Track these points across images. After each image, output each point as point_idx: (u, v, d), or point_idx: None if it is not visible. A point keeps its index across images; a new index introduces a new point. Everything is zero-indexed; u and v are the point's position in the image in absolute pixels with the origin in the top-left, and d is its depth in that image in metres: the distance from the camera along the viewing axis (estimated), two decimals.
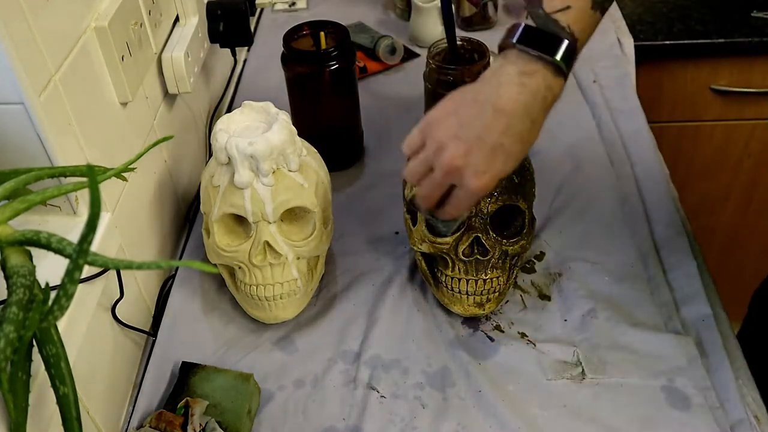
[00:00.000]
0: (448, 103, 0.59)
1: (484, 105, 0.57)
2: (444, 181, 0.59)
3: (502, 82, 0.57)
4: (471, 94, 0.58)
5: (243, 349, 0.77)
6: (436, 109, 0.60)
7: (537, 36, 0.57)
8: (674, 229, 0.87)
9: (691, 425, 0.67)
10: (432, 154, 0.59)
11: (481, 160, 0.56)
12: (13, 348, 0.44)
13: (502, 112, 0.56)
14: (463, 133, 0.57)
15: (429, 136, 0.59)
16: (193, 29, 0.91)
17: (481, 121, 0.56)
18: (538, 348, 0.75)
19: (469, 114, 0.57)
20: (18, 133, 0.58)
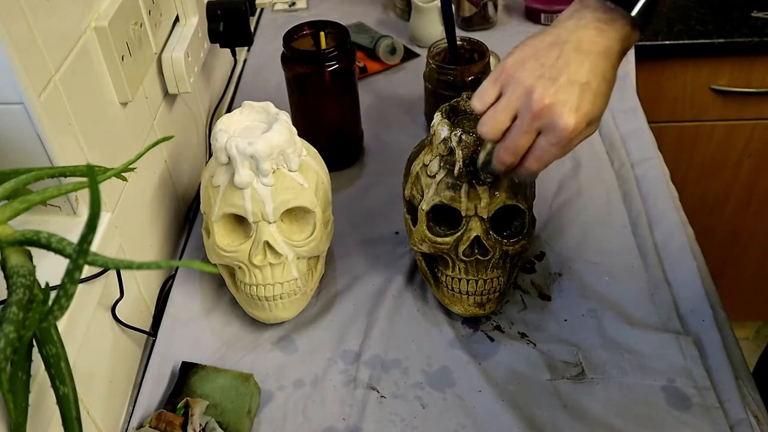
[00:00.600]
0: (526, 49, 0.57)
1: (565, 46, 0.55)
2: (533, 125, 0.55)
3: (580, 26, 0.55)
4: (549, 38, 0.56)
5: (243, 349, 0.77)
6: (512, 56, 0.57)
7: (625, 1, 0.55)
8: (674, 229, 0.87)
9: (691, 425, 0.67)
10: (516, 98, 0.55)
11: (572, 97, 0.54)
12: (13, 348, 0.44)
13: (585, 52, 0.55)
14: (549, 72, 0.54)
15: (510, 82, 0.56)
16: (193, 29, 0.91)
17: (565, 61, 0.55)
18: (538, 348, 0.75)
19: (552, 56, 0.55)
20: (18, 133, 0.58)
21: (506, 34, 1.31)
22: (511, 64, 0.57)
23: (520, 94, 0.55)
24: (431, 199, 0.72)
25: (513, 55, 0.57)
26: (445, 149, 0.69)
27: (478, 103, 0.58)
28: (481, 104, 0.58)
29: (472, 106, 0.59)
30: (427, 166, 0.73)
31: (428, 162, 0.73)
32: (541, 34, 0.57)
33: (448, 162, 0.70)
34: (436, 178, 0.72)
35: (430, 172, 0.72)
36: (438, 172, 0.71)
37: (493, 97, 0.58)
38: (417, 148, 0.79)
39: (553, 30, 0.57)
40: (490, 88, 0.58)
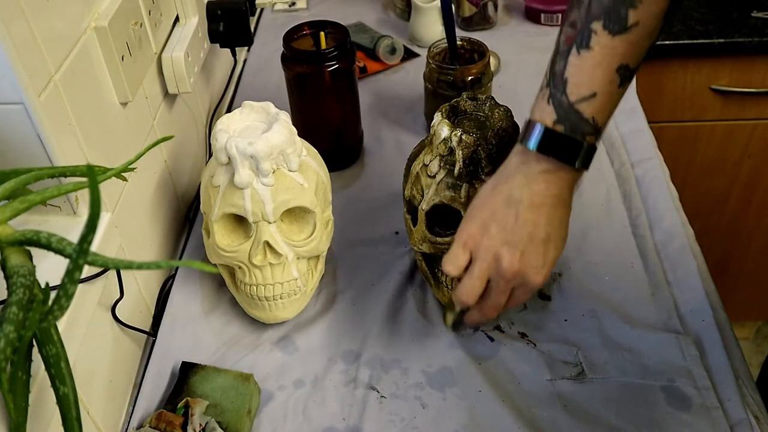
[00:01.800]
0: (484, 211, 0.60)
1: (520, 205, 0.58)
2: (507, 288, 0.60)
3: (529, 179, 0.58)
4: (501, 197, 0.59)
5: (243, 349, 0.77)
6: (471, 221, 0.60)
7: (556, 143, 0.57)
8: (674, 229, 0.87)
9: (691, 425, 0.67)
10: (488, 266, 0.60)
11: (537, 257, 0.59)
12: (13, 348, 0.44)
13: (538, 207, 0.58)
14: (512, 237, 0.58)
15: (478, 249, 0.60)
16: (193, 29, 0.91)
17: (523, 221, 0.58)
18: (538, 348, 0.75)
19: (508, 217, 0.58)
20: (18, 133, 0.58)
21: (506, 34, 1.31)
22: (475, 231, 0.60)
23: (491, 261, 0.60)
24: (431, 199, 0.72)
25: (474, 218, 0.60)
26: (446, 149, 0.69)
27: (453, 270, 0.61)
28: (457, 270, 0.62)
29: (446, 271, 0.62)
30: (427, 166, 0.73)
31: (428, 162, 0.73)
32: (494, 192, 0.59)
33: (448, 162, 0.70)
34: (436, 178, 0.72)
35: (430, 172, 0.72)
36: (438, 172, 0.71)
37: (465, 262, 0.61)
38: (417, 148, 0.79)
39: (503, 186, 0.59)
40: (461, 255, 0.61)
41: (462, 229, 0.61)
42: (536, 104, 0.59)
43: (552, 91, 0.57)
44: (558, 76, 0.57)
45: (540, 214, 0.58)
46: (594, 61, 0.55)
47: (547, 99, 0.57)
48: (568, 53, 0.56)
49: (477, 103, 0.74)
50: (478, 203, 0.60)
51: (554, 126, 0.57)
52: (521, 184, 0.58)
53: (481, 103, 0.74)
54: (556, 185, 0.58)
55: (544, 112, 0.57)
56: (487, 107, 0.73)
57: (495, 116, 0.72)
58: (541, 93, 0.58)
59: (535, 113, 0.58)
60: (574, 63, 0.56)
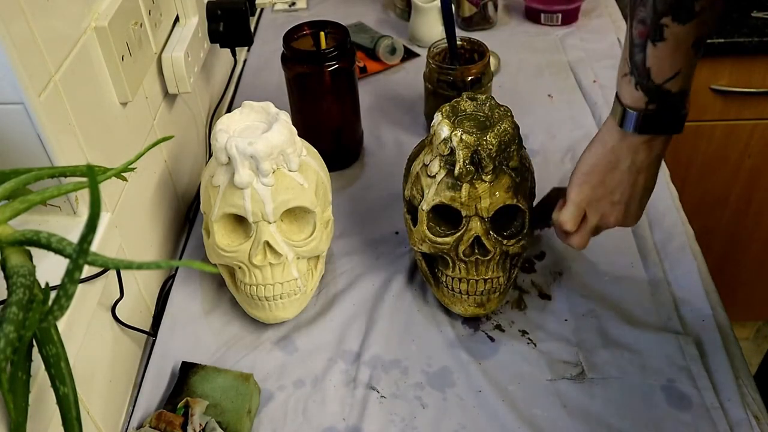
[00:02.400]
0: (591, 177, 0.68)
1: (625, 171, 0.66)
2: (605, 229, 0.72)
3: (632, 150, 0.65)
4: (606, 165, 0.67)
5: (243, 349, 0.77)
6: (582, 185, 0.69)
7: (654, 121, 0.62)
8: (674, 229, 0.87)
9: (691, 425, 0.67)
10: (597, 221, 0.71)
11: (636, 209, 0.69)
12: (13, 348, 0.44)
13: (640, 170, 0.66)
14: (616, 197, 0.68)
15: (590, 209, 0.70)
16: (193, 29, 0.91)
17: (627, 184, 0.67)
18: (539, 348, 0.75)
19: (615, 180, 0.67)
20: (18, 133, 0.58)
21: (506, 34, 1.31)
22: (587, 193, 0.69)
23: (599, 217, 0.70)
24: (431, 199, 0.72)
25: (584, 183, 0.69)
26: (446, 149, 0.69)
27: (572, 225, 0.71)
28: (574, 225, 0.72)
29: (565, 226, 0.72)
30: (427, 166, 0.73)
31: (428, 162, 0.73)
32: (600, 160, 0.67)
33: (448, 162, 0.70)
34: (436, 178, 0.72)
35: (430, 172, 0.72)
36: (438, 172, 0.71)
37: (580, 218, 0.71)
38: (417, 148, 0.79)
39: (610, 156, 0.66)
40: (577, 213, 0.71)
41: (575, 192, 0.70)
42: (623, 89, 0.63)
43: (637, 78, 0.62)
44: (640, 65, 0.61)
45: (640, 176, 0.66)
46: (670, 49, 0.59)
47: (635, 85, 0.62)
48: (645, 46, 0.60)
49: (477, 103, 0.74)
50: (586, 170, 0.68)
51: (647, 107, 0.62)
52: (625, 155, 0.65)
53: (481, 103, 0.74)
54: (655, 149, 0.65)
55: (635, 97, 0.62)
56: (487, 107, 0.73)
57: (495, 116, 0.72)
58: (626, 79, 0.63)
59: (625, 98, 0.63)
60: (653, 54, 0.60)
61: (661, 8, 0.57)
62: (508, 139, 0.69)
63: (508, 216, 0.74)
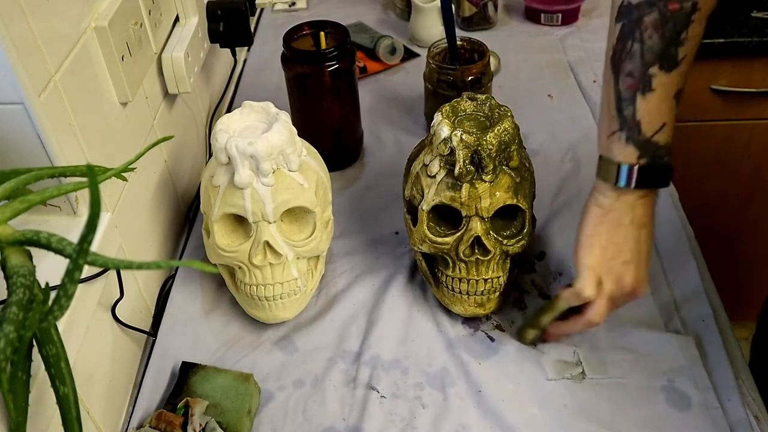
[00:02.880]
0: (599, 239, 0.67)
1: (628, 228, 0.66)
2: (624, 302, 0.69)
3: (631, 206, 0.66)
4: (610, 224, 0.67)
5: (243, 349, 0.77)
6: (592, 248, 0.67)
7: (647, 175, 0.64)
8: (674, 229, 0.87)
9: (691, 425, 0.67)
10: (612, 284, 0.67)
11: (644, 270, 0.68)
12: (13, 348, 0.44)
13: (641, 227, 0.66)
14: (628, 256, 0.67)
15: (604, 272, 0.67)
16: (193, 29, 0.91)
17: (633, 240, 0.66)
18: (538, 348, 0.75)
19: (621, 238, 0.66)
20: (18, 133, 0.58)
21: (506, 34, 1.31)
22: (599, 257, 0.67)
23: (615, 280, 0.67)
24: (431, 199, 0.72)
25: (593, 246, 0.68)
26: (446, 149, 0.69)
27: (591, 291, 0.68)
28: (593, 290, 0.68)
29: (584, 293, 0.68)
30: (427, 166, 0.73)
31: (428, 162, 0.73)
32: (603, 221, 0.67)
33: (448, 162, 0.70)
34: (436, 178, 0.72)
35: (430, 172, 0.72)
36: (438, 172, 0.71)
37: (596, 284, 0.68)
38: (417, 148, 0.79)
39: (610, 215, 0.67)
40: (593, 278, 0.68)
41: (585, 256, 0.68)
42: (614, 148, 0.65)
43: (628, 133, 0.64)
44: (630, 119, 0.64)
45: (641, 233, 0.66)
46: (658, 99, 0.63)
47: (625, 140, 0.64)
48: (634, 99, 0.63)
49: (477, 103, 0.74)
50: (590, 232, 0.68)
51: (638, 161, 0.64)
52: (625, 212, 0.66)
53: (481, 103, 0.74)
54: (650, 206, 0.67)
55: (626, 153, 0.64)
56: (487, 107, 0.73)
57: (495, 116, 0.72)
58: (614, 136, 0.65)
59: (617, 155, 0.65)
60: (643, 106, 0.63)
61: (648, 59, 0.62)
62: (508, 139, 0.69)
63: (508, 216, 0.74)
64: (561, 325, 0.71)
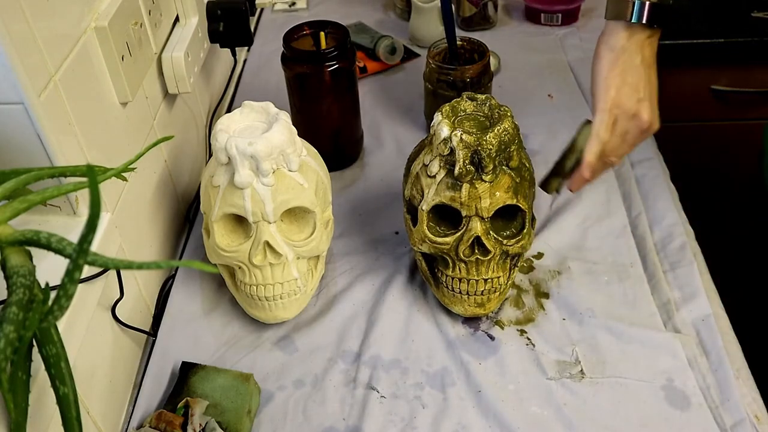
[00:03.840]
0: (614, 80, 0.71)
1: (640, 68, 0.71)
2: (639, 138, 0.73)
3: (640, 46, 0.71)
4: (623, 65, 0.71)
5: (243, 349, 0.77)
6: (608, 89, 0.71)
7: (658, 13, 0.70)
8: (674, 229, 0.87)
9: (691, 425, 0.67)
10: (628, 122, 0.72)
11: (656, 107, 0.72)
12: (13, 348, 0.44)
13: (650, 66, 0.72)
14: (640, 93, 0.71)
15: (620, 111, 0.71)
16: (193, 29, 0.91)
17: (645, 79, 0.71)
18: (538, 347, 0.75)
19: (635, 78, 0.71)
20: (18, 133, 0.58)
21: (506, 34, 1.31)
22: (615, 96, 0.72)
23: (630, 117, 0.72)
24: (431, 199, 0.72)
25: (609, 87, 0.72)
26: (446, 149, 0.69)
27: (606, 133, 0.72)
28: (608, 132, 0.72)
29: (602, 136, 0.72)
30: (427, 166, 0.73)
31: (428, 162, 0.73)
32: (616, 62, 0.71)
33: (448, 162, 0.70)
34: (436, 178, 0.72)
35: (430, 172, 0.72)
36: (438, 172, 0.71)
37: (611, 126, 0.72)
38: (417, 148, 0.79)
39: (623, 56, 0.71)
40: (609, 118, 0.72)
41: (602, 98, 0.72)
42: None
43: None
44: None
45: (652, 72, 0.72)
46: None
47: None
48: None
49: (477, 103, 0.74)
50: (605, 74, 0.72)
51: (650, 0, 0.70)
52: (636, 52, 0.71)
53: (481, 103, 0.74)
54: (655, 47, 0.72)
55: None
56: (487, 107, 0.73)
57: (495, 116, 0.72)
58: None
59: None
60: None
61: None
62: (508, 139, 0.69)
63: (508, 216, 0.74)
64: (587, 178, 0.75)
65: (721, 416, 0.67)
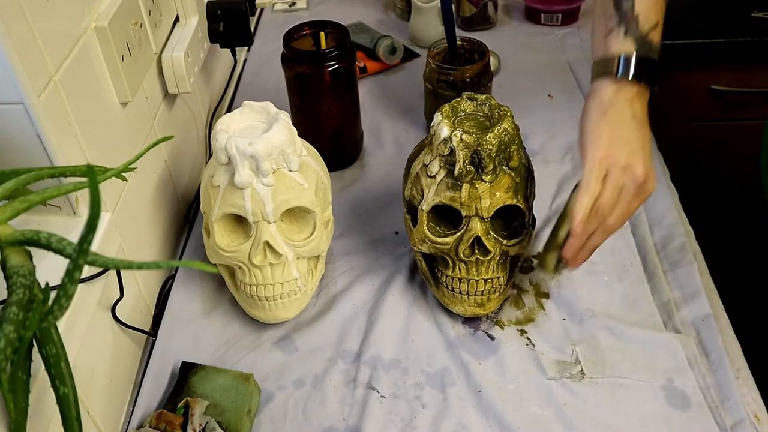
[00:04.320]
0: (603, 133, 0.68)
1: (631, 122, 0.68)
2: (634, 194, 0.67)
3: (629, 102, 0.69)
4: (612, 119, 0.68)
5: (243, 349, 0.77)
6: (597, 142, 0.68)
7: (646, 68, 0.68)
8: (674, 229, 0.87)
9: (690, 425, 0.67)
10: (620, 175, 0.67)
11: (651, 163, 0.68)
12: (13, 348, 0.44)
13: (642, 122, 0.69)
14: (634, 148, 0.67)
15: (611, 164, 0.67)
16: (193, 29, 0.91)
17: (637, 133, 0.68)
18: (538, 347, 0.75)
19: (626, 132, 0.68)
20: (18, 133, 0.58)
21: (506, 34, 1.31)
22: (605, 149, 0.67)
23: (622, 170, 0.67)
24: (431, 199, 0.72)
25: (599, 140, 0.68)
26: (446, 149, 0.69)
27: (597, 185, 0.67)
28: (599, 184, 0.67)
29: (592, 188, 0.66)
30: (427, 166, 0.73)
31: (428, 162, 0.73)
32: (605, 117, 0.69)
33: (448, 162, 0.70)
34: (436, 178, 0.72)
35: (430, 172, 0.72)
36: (438, 173, 0.71)
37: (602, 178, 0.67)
38: (417, 148, 0.79)
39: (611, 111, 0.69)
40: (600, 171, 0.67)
41: (591, 150, 0.68)
42: (611, 44, 0.69)
43: (626, 27, 0.69)
44: (629, 13, 0.68)
45: (643, 128, 0.69)
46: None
47: (623, 35, 0.68)
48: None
49: (477, 103, 0.74)
50: (593, 129, 0.69)
51: (637, 54, 0.68)
52: (625, 107, 0.68)
53: (481, 103, 0.74)
54: (645, 104, 0.70)
55: (625, 46, 0.68)
56: (487, 107, 0.73)
57: (495, 116, 0.72)
58: (612, 34, 0.69)
59: (612, 49, 0.69)
60: (640, 0, 0.69)
61: None
62: (508, 139, 0.69)
63: (508, 216, 0.74)
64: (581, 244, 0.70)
65: (721, 416, 0.67)
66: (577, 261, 0.70)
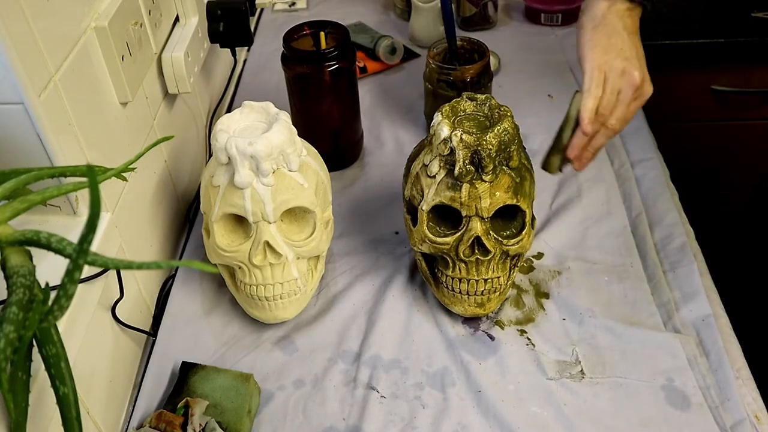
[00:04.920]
0: (598, 44, 0.74)
1: (623, 33, 0.74)
2: (632, 97, 0.73)
3: (620, 16, 0.74)
4: (605, 31, 0.74)
5: (243, 349, 0.77)
6: (593, 51, 0.74)
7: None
8: (674, 229, 0.87)
9: (691, 425, 0.67)
10: (618, 79, 0.73)
11: (645, 69, 0.74)
12: (13, 348, 0.44)
13: (633, 34, 0.75)
14: (629, 55, 0.73)
15: (609, 69, 0.73)
16: (193, 29, 0.91)
17: (630, 43, 0.74)
18: (538, 347, 0.75)
19: (620, 41, 0.74)
20: (18, 133, 0.58)
21: (506, 34, 1.31)
22: (601, 57, 0.73)
23: (619, 75, 0.73)
24: (431, 199, 0.72)
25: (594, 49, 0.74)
26: (446, 149, 0.69)
27: (598, 90, 0.73)
28: (599, 88, 0.73)
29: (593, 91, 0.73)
30: (427, 166, 0.73)
31: (428, 162, 0.73)
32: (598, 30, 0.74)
33: (448, 162, 0.70)
34: (436, 178, 0.72)
35: (430, 172, 0.72)
36: (438, 173, 0.71)
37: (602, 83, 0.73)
38: (417, 148, 0.79)
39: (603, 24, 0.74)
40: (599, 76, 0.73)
41: (588, 58, 0.74)
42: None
43: None
44: None
45: (636, 39, 0.74)
46: None
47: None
48: None
49: (477, 103, 0.74)
50: (587, 40, 0.75)
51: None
52: (617, 20, 0.74)
53: (481, 103, 0.74)
54: (635, 20, 0.75)
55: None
56: (487, 107, 0.73)
57: (495, 116, 0.72)
58: None
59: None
60: None
61: None
62: (508, 139, 0.69)
63: (508, 216, 0.74)
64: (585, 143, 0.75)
65: (721, 416, 0.67)
66: (582, 161, 0.77)
